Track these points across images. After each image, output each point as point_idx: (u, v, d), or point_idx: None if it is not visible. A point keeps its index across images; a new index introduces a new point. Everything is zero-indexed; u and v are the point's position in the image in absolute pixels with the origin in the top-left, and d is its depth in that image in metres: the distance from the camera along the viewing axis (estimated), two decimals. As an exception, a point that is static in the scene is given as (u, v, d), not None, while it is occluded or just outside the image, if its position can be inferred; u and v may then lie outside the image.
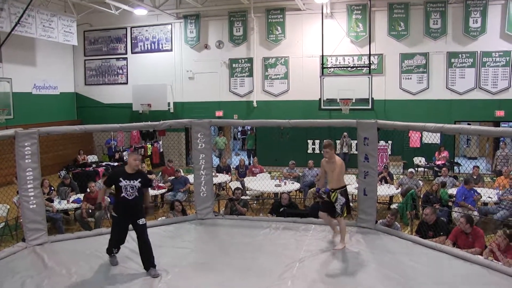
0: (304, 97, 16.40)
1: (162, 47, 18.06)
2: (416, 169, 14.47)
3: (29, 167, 7.26)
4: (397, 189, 10.82)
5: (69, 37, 16.52)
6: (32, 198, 7.31)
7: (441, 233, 7.26)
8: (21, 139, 7.26)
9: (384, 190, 10.57)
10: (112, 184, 6.22)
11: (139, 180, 6.16)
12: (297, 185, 11.59)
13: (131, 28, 18.36)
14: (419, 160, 14.99)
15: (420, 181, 11.49)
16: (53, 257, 6.76)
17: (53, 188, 10.73)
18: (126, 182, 6.08)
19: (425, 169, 14.88)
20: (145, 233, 6.18)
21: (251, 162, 15.95)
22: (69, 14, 16.68)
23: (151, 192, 11.04)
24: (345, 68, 16.10)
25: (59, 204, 9.93)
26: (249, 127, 18.09)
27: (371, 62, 15.57)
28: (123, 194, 6.05)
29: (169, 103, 17.62)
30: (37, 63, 17.15)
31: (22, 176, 7.23)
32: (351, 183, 11.32)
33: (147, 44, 18.31)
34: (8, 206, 9.36)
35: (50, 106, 17.61)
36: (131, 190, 6.08)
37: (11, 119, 13.37)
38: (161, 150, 17.89)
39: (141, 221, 6.15)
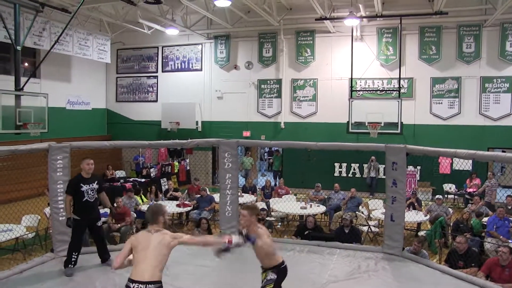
0: (332, 120, 16.30)
1: (192, 67, 18.32)
2: (446, 196, 14.11)
3: (60, 180, 7.43)
4: (426, 215, 10.55)
5: (103, 55, 17.01)
6: (61, 210, 7.45)
7: (473, 264, 6.99)
8: (54, 152, 7.46)
9: (412, 217, 10.33)
10: (73, 191, 6.74)
11: (96, 182, 6.91)
12: (322, 208, 11.44)
13: (162, 47, 18.71)
14: (449, 187, 14.63)
15: (449, 209, 11.20)
16: (78, 268, 6.84)
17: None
18: (86, 186, 6.77)
19: (456, 197, 14.50)
20: (102, 232, 7.26)
21: (277, 183, 15.87)
22: (103, 33, 17.19)
23: (176, 209, 11.12)
24: (374, 92, 15.99)
25: (86, 218, 10.04)
26: (275, 148, 18.06)
27: (400, 85, 15.41)
28: (85, 198, 6.73)
29: (197, 122, 17.78)
30: (72, 80, 17.66)
31: (53, 188, 7.42)
32: (378, 208, 11.16)
33: (177, 63, 18.61)
34: (39, 217, 9.52)
35: (82, 121, 18.04)
36: (92, 193, 6.81)
37: (46, 133, 13.71)
38: (188, 168, 18.00)
39: (100, 222, 7.12)
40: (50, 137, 12.59)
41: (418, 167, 15.16)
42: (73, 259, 6.76)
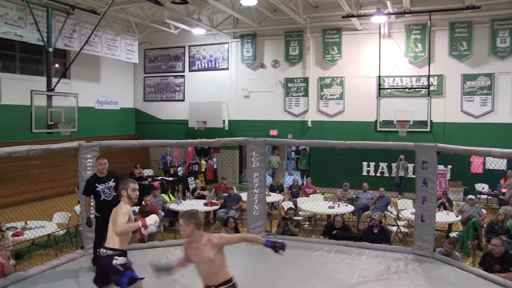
0: (360, 118, 16.11)
1: (218, 66, 18.38)
2: (478, 196, 13.75)
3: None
4: (457, 216, 10.30)
5: (130, 55, 17.24)
6: (91, 208, 7.54)
7: (511, 269, 6.70)
8: (84, 151, 7.60)
9: (443, 217, 10.09)
10: (90, 191, 6.84)
11: (113, 180, 6.83)
12: (350, 208, 11.30)
13: (189, 47, 18.83)
14: (482, 186, 14.25)
15: (483, 209, 10.89)
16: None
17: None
18: (101, 185, 6.78)
19: (489, 197, 14.12)
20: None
21: (304, 182, 15.77)
22: (131, 34, 17.41)
23: (204, 208, 11.15)
24: (402, 89, 15.71)
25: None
26: (302, 147, 17.97)
27: (430, 83, 15.10)
28: (102, 197, 6.77)
29: (224, 121, 17.83)
30: (101, 80, 17.98)
31: (83, 186, 7.44)
32: (407, 208, 10.97)
33: (204, 63, 18.70)
34: (70, 214, 9.70)
35: (111, 121, 18.33)
36: (108, 191, 6.80)
37: (76, 132, 14.00)
38: (215, 167, 18.07)
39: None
40: (80, 136, 12.86)
41: (449, 166, 14.81)
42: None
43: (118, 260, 4.82)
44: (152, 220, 4.88)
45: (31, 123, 12.58)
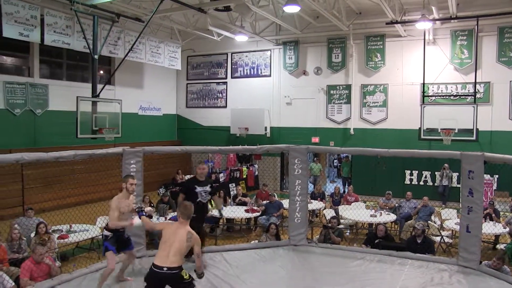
0: (403, 126, 15.88)
1: (261, 73, 18.53)
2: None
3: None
4: (504, 228, 10.00)
5: (173, 62, 17.61)
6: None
7: None
8: (127, 156, 7.76)
9: (490, 228, 9.82)
10: (186, 190, 7.32)
11: (209, 186, 7.34)
12: (393, 217, 11.17)
13: (231, 53, 19.08)
14: (531, 197, 13.76)
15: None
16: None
17: (152, 205, 11.31)
18: (200, 188, 7.21)
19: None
20: (202, 233, 7.21)
21: (346, 190, 15.67)
22: (174, 41, 17.80)
23: (245, 215, 11.28)
24: (447, 97, 15.39)
25: (157, 221, 10.41)
26: (344, 155, 17.84)
27: (476, 90, 14.73)
28: (199, 199, 7.15)
29: (266, 128, 17.94)
30: (144, 86, 18.46)
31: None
32: (451, 218, 10.73)
33: (246, 69, 18.90)
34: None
35: (153, 127, 18.76)
36: (205, 194, 7.24)
37: (119, 137, 14.39)
38: (256, 173, 18.18)
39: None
40: (123, 141, 13.25)
41: (495, 176, 14.39)
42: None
43: (105, 232, 6.21)
44: (139, 222, 6.01)
45: (77, 129, 12.99)
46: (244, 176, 17.39)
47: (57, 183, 13.75)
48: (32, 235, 8.64)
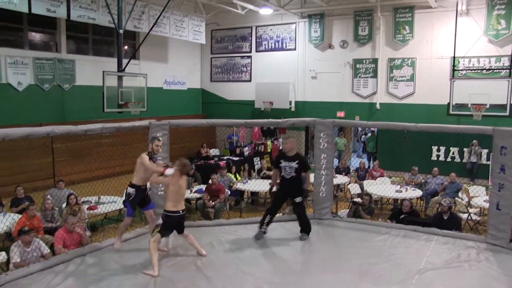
0: (431, 101, 15.52)
1: (285, 46, 18.28)
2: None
3: (160, 157, 7.69)
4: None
5: (198, 36, 17.49)
6: (160, 185, 7.81)
7: None
8: (154, 129, 7.82)
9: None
10: (275, 165, 7.57)
11: (296, 162, 7.21)
12: (418, 193, 11.03)
13: (256, 27, 18.83)
14: None
15: None
16: (175, 241, 7.22)
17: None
18: (284, 163, 7.27)
19: None
20: (299, 209, 7.44)
21: (371, 165, 15.51)
22: (198, 15, 17.65)
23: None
24: (479, 71, 14.88)
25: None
26: (370, 129, 17.61)
27: None
28: (282, 174, 7.28)
29: (290, 102, 17.77)
30: (169, 60, 18.44)
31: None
32: (479, 195, 10.53)
33: (271, 43, 18.67)
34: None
35: (178, 101, 18.80)
36: (289, 170, 7.23)
37: (145, 111, 14.50)
38: (281, 147, 18.11)
39: (297, 199, 7.37)
40: (149, 115, 13.30)
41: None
42: (265, 220, 7.43)
43: (129, 189, 6.63)
44: (171, 171, 6.27)
45: (103, 103, 13.12)
46: (269, 150, 17.34)
47: (85, 157, 14.00)
48: (64, 205, 8.87)
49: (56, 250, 6.82)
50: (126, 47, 16.63)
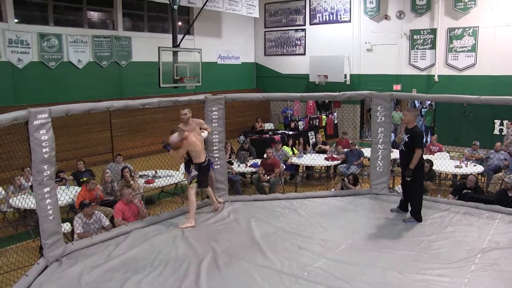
0: (494, 72, 14.79)
1: (340, 18, 17.87)
2: None
3: (215, 131, 7.88)
4: None
5: (251, 10, 17.35)
6: (217, 159, 7.98)
7: None
8: (210, 104, 7.90)
9: None
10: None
11: (408, 136, 6.93)
12: (480, 168, 10.65)
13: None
14: None
15: None
16: (233, 214, 7.39)
17: (233, 151, 11.56)
18: (403, 135, 7.12)
19: None
20: (410, 186, 7.02)
21: (429, 139, 15.08)
22: (252, -12, 17.50)
23: (325, 162, 11.23)
24: (548, 39, 14.02)
25: (238, 167, 10.69)
26: (427, 103, 17.06)
27: None
28: (401, 147, 7.12)
29: (345, 75, 17.48)
30: (222, 35, 18.50)
31: (209, 139, 7.82)
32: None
33: (325, 15, 18.30)
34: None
35: (232, 75, 18.90)
36: (401, 142, 7.09)
37: (200, 86, 14.70)
38: (336, 121, 17.98)
39: (407, 178, 6.97)
40: (204, 90, 13.50)
41: None
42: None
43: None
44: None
45: (159, 78, 13.38)
46: (323, 124, 17.25)
47: (142, 131, 14.43)
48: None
49: (116, 222, 7.12)
50: (180, 23, 16.78)
